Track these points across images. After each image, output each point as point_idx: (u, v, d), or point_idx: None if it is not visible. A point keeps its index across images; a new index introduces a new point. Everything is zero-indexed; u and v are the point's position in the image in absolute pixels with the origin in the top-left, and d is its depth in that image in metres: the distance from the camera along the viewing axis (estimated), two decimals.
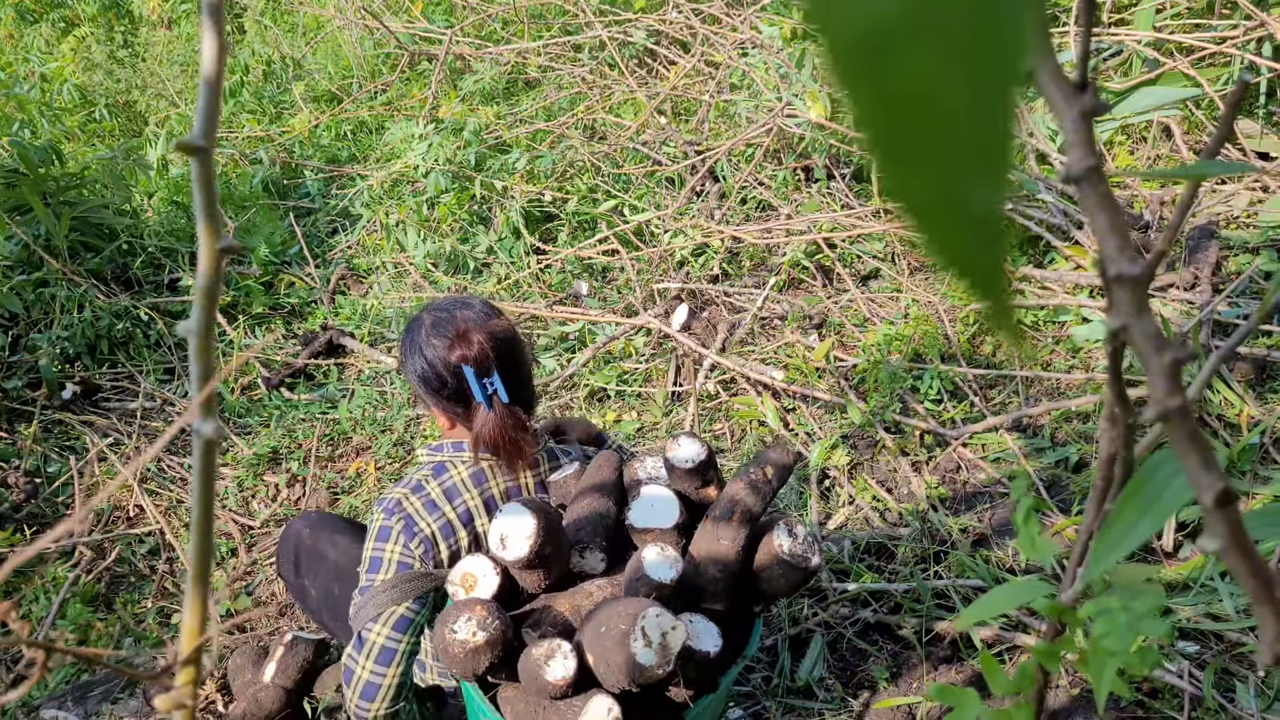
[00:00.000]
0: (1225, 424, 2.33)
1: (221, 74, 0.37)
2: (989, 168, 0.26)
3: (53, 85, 5.14)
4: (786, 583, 1.36)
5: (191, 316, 0.38)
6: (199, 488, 0.40)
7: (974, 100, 0.24)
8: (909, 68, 0.24)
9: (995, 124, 0.25)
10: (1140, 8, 3.40)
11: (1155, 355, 0.42)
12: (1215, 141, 0.51)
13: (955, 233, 0.27)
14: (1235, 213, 3.00)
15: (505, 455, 1.58)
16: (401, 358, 1.64)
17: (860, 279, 3.27)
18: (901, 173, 0.26)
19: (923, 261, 3.26)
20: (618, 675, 1.16)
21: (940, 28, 0.24)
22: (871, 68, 0.24)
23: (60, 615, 2.35)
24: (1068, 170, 0.41)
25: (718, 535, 1.36)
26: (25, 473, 2.83)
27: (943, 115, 0.25)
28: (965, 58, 0.24)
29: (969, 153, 0.25)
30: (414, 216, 3.77)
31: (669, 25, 4.39)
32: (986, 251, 0.27)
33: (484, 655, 1.21)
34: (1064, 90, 0.38)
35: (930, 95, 0.24)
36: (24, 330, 3.33)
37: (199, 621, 0.43)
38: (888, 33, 0.24)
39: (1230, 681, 1.81)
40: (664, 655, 1.14)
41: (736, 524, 1.36)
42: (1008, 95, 0.24)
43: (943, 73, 0.24)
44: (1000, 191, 0.26)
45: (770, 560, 1.36)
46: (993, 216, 0.26)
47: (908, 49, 0.24)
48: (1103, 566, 0.55)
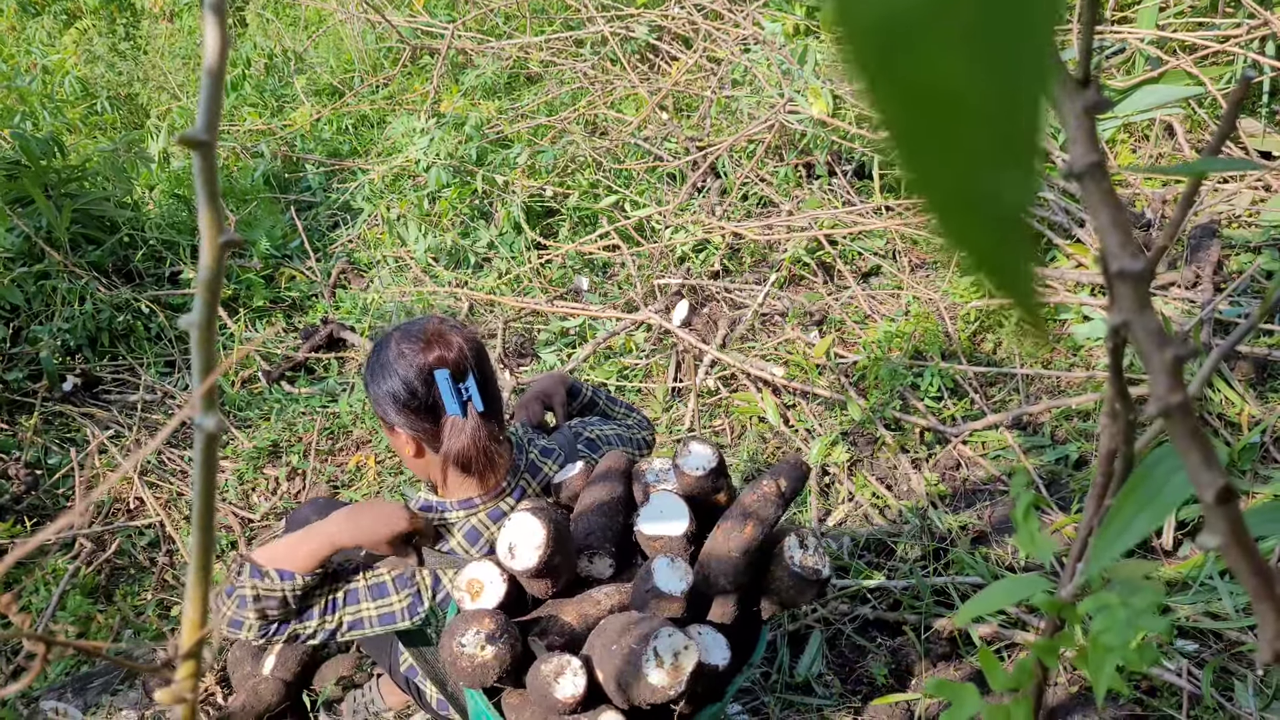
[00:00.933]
0: (1226, 423, 2.33)
1: (224, 67, 0.37)
2: (1016, 162, 0.25)
3: (54, 78, 5.13)
4: (797, 594, 1.36)
5: (193, 309, 0.38)
6: (200, 481, 0.40)
7: (1000, 93, 0.24)
8: (932, 60, 0.24)
9: (1022, 117, 0.24)
10: (1143, 6, 3.39)
11: (1157, 352, 0.42)
12: (1217, 139, 0.50)
13: (981, 229, 0.27)
14: (1237, 211, 3.00)
15: (478, 469, 1.52)
16: (367, 380, 1.56)
17: (861, 276, 3.27)
18: (925, 168, 0.26)
19: (924, 258, 3.26)
20: (628, 694, 1.15)
21: (964, 19, 0.23)
22: (893, 60, 0.24)
23: (60, 607, 2.36)
24: (1070, 166, 0.41)
25: (729, 546, 1.34)
26: (26, 464, 2.83)
27: (968, 109, 0.24)
28: (990, 49, 0.23)
29: (996, 147, 0.25)
30: (415, 211, 3.77)
31: (671, 21, 4.38)
32: (1013, 248, 0.27)
33: (492, 669, 1.20)
34: (1067, 86, 0.38)
35: (954, 88, 0.24)
36: (25, 322, 3.33)
37: (200, 614, 0.43)
38: (910, 24, 0.23)
39: (1229, 680, 1.82)
40: (676, 676, 1.14)
41: (749, 535, 1.34)
42: (1035, 88, 0.24)
43: (967, 65, 0.23)
44: (1029, 186, 0.26)
45: (782, 572, 1.35)
46: (1020, 213, 0.26)
47: (930, 41, 0.23)
48: (1102, 562, 0.55)
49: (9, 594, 0.41)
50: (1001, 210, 0.25)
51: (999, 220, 0.26)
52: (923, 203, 0.26)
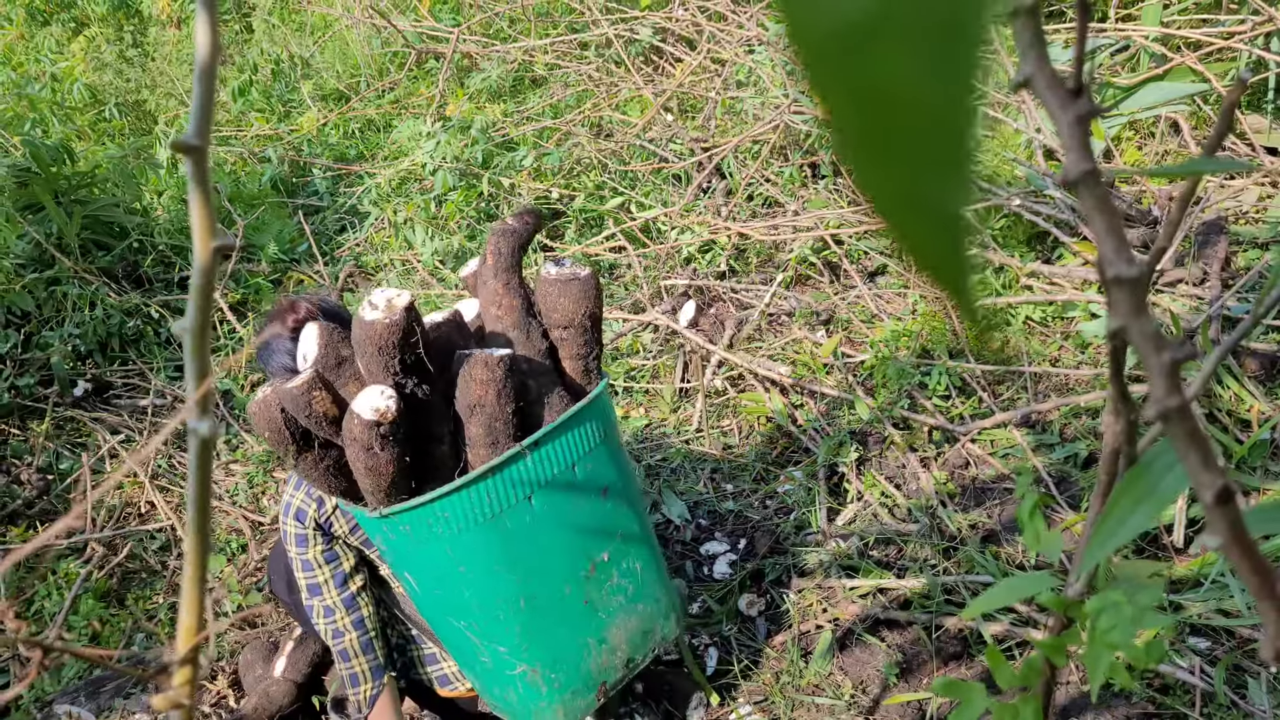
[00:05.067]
0: (1235, 420, 2.32)
1: (215, 66, 0.37)
2: (954, 167, 0.26)
3: (63, 85, 5.16)
4: (569, 300, 1.57)
5: (187, 314, 0.39)
6: (195, 486, 0.40)
7: (938, 101, 0.25)
8: (878, 66, 0.25)
9: (960, 124, 0.25)
10: (1147, 3, 3.38)
11: (1155, 355, 0.42)
12: (1214, 138, 0.50)
13: (922, 230, 0.28)
14: (1244, 208, 2.98)
15: None
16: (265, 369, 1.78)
17: (867, 275, 3.26)
18: (871, 170, 0.27)
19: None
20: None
21: (908, 27, 0.24)
22: (841, 66, 0.25)
23: (73, 610, 2.37)
24: (1065, 174, 0.42)
25: (498, 300, 1.62)
26: (38, 469, 2.85)
27: (909, 114, 0.25)
28: (932, 57, 0.24)
29: (935, 152, 0.26)
30: (421, 214, 3.78)
31: (675, 22, 4.38)
32: (953, 249, 0.28)
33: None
34: (1059, 95, 0.38)
35: (898, 94, 0.25)
36: (36, 328, 3.35)
37: (196, 620, 0.43)
38: (857, 32, 0.24)
39: (1242, 678, 1.81)
40: (389, 310, 1.37)
41: (505, 274, 1.61)
42: (971, 95, 0.25)
43: (911, 72, 0.24)
44: (965, 191, 0.26)
45: (546, 287, 1.60)
46: (957, 216, 0.27)
47: (877, 48, 0.24)
48: (1099, 556, 0.55)
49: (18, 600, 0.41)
50: (943, 211, 0.26)
51: (941, 221, 0.26)
52: (871, 203, 0.27)
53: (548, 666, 1.61)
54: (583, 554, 1.61)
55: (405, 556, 1.55)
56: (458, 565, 1.49)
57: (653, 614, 1.77)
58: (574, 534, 1.60)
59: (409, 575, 1.57)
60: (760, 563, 2.31)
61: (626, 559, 1.69)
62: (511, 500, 1.49)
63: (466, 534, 1.46)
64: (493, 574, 1.51)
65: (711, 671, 2.08)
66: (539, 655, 1.60)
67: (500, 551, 1.50)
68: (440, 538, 1.46)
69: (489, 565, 1.51)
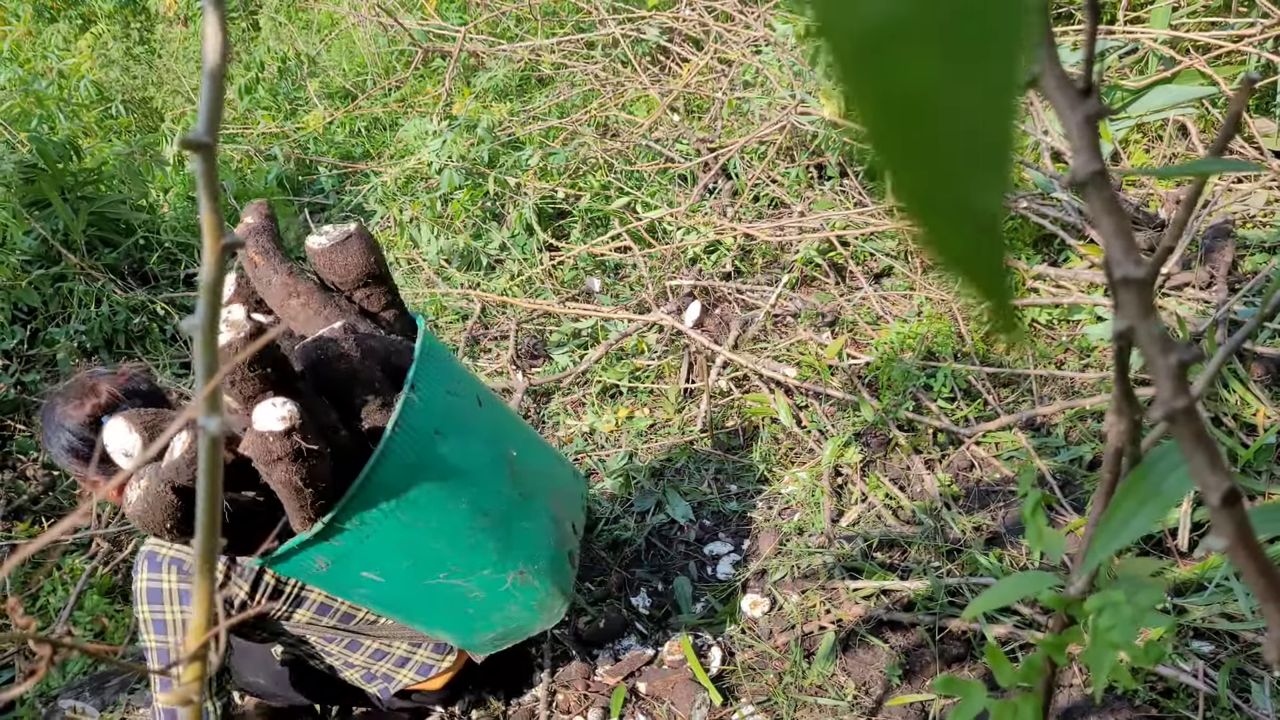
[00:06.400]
0: (1241, 424, 2.32)
1: (224, 66, 0.37)
2: (990, 169, 0.26)
3: (70, 82, 5.17)
4: (354, 256, 1.62)
5: (196, 312, 0.39)
6: (205, 483, 0.41)
7: (975, 101, 0.24)
8: (911, 68, 0.24)
9: (996, 125, 0.25)
10: (1156, 6, 3.37)
11: (1161, 357, 0.42)
12: (1221, 139, 0.50)
13: (956, 233, 0.27)
14: (1252, 212, 2.97)
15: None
16: (46, 446, 1.67)
17: (873, 277, 3.26)
18: (904, 173, 0.26)
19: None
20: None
21: (943, 28, 0.24)
22: (874, 68, 0.24)
23: (78, 606, 2.38)
24: (1074, 174, 0.42)
25: (292, 290, 1.62)
26: (43, 465, 2.86)
27: (944, 116, 0.25)
28: (967, 59, 0.24)
29: (970, 154, 0.25)
30: (427, 213, 3.78)
31: (682, 22, 4.38)
32: (988, 252, 0.27)
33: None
34: (1068, 96, 0.38)
35: (932, 96, 0.24)
36: (42, 324, 3.36)
37: (205, 617, 0.43)
38: (891, 33, 0.24)
39: (1245, 681, 1.80)
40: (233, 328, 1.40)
41: (282, 264, 1.63)
42: (1006, 93, 0.25)
43: (945, 74, 0.24)
44: (1001, 193, 0.26)
45: (328, 256, 1.63)
46: (994, 217, 0.26)
47: (910, 49, 0.24)
48: (1101, 556, 0.55)
49: (16, 596, 0.42)
50: (975, 214, 0.26)
51: (973, 223, 0.26)
52: (902, 206, 0.26)
53: (529, 561, 1.71)
54: (499, 458, 1.72)
55: (361, 555, 1.57)
56: (415, 525, 1.55)
57: (567, 478, 1.98)
58: (483, 444, 1.69)
59: (371, 573, 1.59)
60: (764, 563, 2.31)
61: (526, 446, 1.84)
62: (424, 440, 1.55)
63: (409, 492, 1.52)
64: (446, 511, 1.58)
65: (714, 672, 2.08)
66: (519, 555, 1.70)
67: (441, 488, 1.57)
68: (391, 512, 1.51)
69: (440, 505, 1.57)
